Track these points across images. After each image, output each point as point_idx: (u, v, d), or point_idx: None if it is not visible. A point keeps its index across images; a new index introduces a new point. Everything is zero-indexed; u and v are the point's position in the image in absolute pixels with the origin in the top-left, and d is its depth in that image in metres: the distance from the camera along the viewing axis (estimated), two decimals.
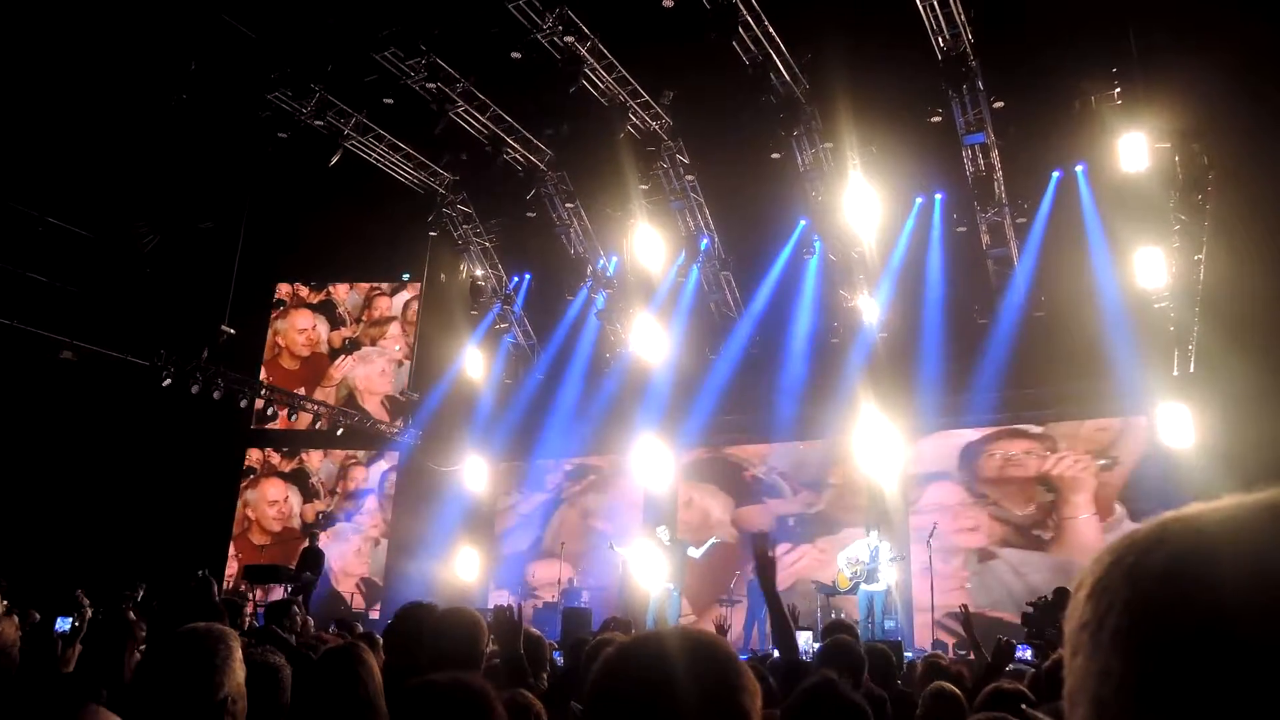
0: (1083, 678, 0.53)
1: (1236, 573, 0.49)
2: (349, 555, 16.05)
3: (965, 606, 5.65)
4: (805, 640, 9.05)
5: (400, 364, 16.95)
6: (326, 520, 15.89)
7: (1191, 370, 11.36)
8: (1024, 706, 2.64)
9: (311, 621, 7.04)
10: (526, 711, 2.23)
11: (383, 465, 16.63)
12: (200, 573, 11.21)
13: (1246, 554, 0.49)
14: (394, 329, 17.14)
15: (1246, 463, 9.52)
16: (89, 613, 4.21)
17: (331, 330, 17.31)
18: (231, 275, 13.36)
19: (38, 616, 5.69)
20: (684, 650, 1.12)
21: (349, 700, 2.09)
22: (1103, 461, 12.27)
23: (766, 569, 3.48)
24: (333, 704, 2.13)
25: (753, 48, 10.88)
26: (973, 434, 13.07)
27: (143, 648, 2.81)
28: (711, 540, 12.27)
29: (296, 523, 16.36)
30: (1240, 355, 10.06)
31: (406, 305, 17.28)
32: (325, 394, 16.55)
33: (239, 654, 1.94)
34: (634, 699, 1.09)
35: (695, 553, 11.92)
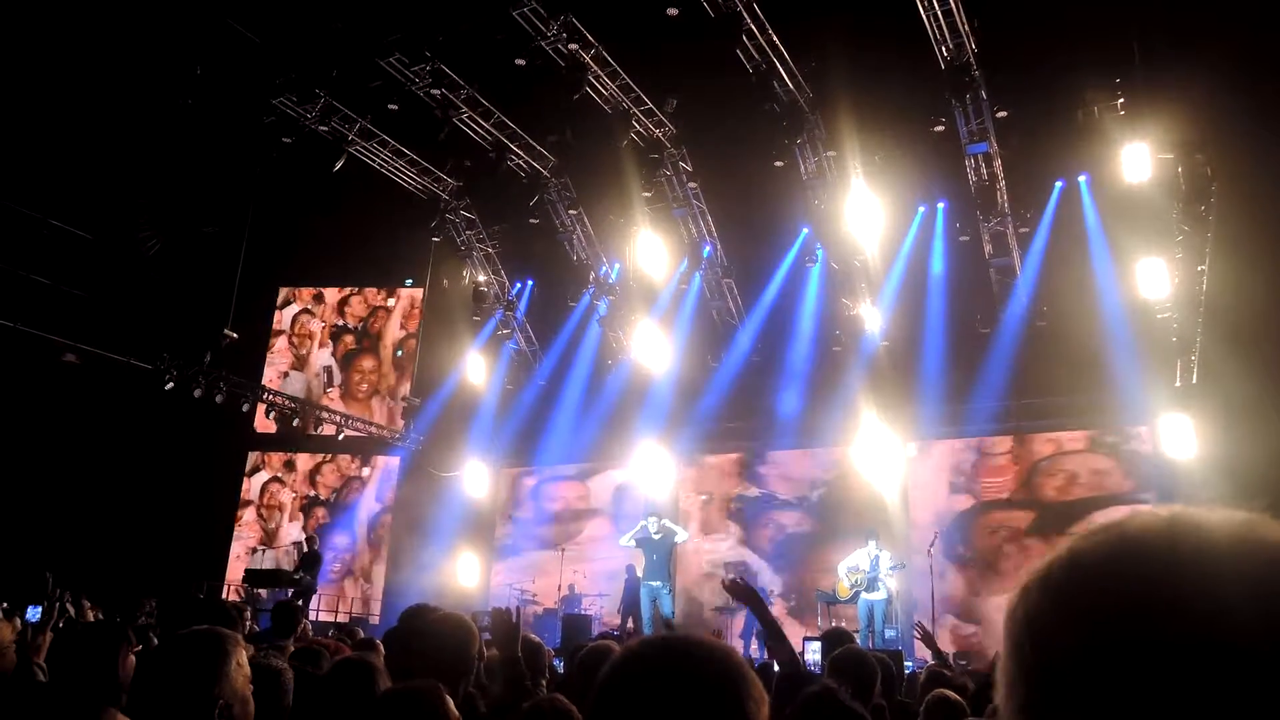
0: (1004, 690, 0.58)
1: (1096, 606, 0.52)
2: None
3: (920, 624, 5.70)
4: (815, 651, 9.02)
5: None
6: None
7: (1194, 381, 11.34)
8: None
9: (310, 626, 7.04)
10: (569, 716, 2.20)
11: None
12: (203, 586, 11.21)
13: (1108, 587, 0.53)
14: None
15: (1248, 474, 9.50)
16: (57, 603, 4.20)
17: None
18: (235, 279, 13.38)
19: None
20: (691, 656, 1.11)
21: (364, 712, 2.08)
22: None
23: (752, 601, 3.66)
24: (349, 716, 2.12)
25: (756, 56, 10.91)
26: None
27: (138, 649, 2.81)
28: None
29: None
30: (1243, 366, 10.05)
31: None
32: None
33: (238, 658, 1.93)
34: (641, 705, 1.09)
35: (682, 536, 11.80)
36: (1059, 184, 12.44)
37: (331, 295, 17.72)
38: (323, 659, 3.37)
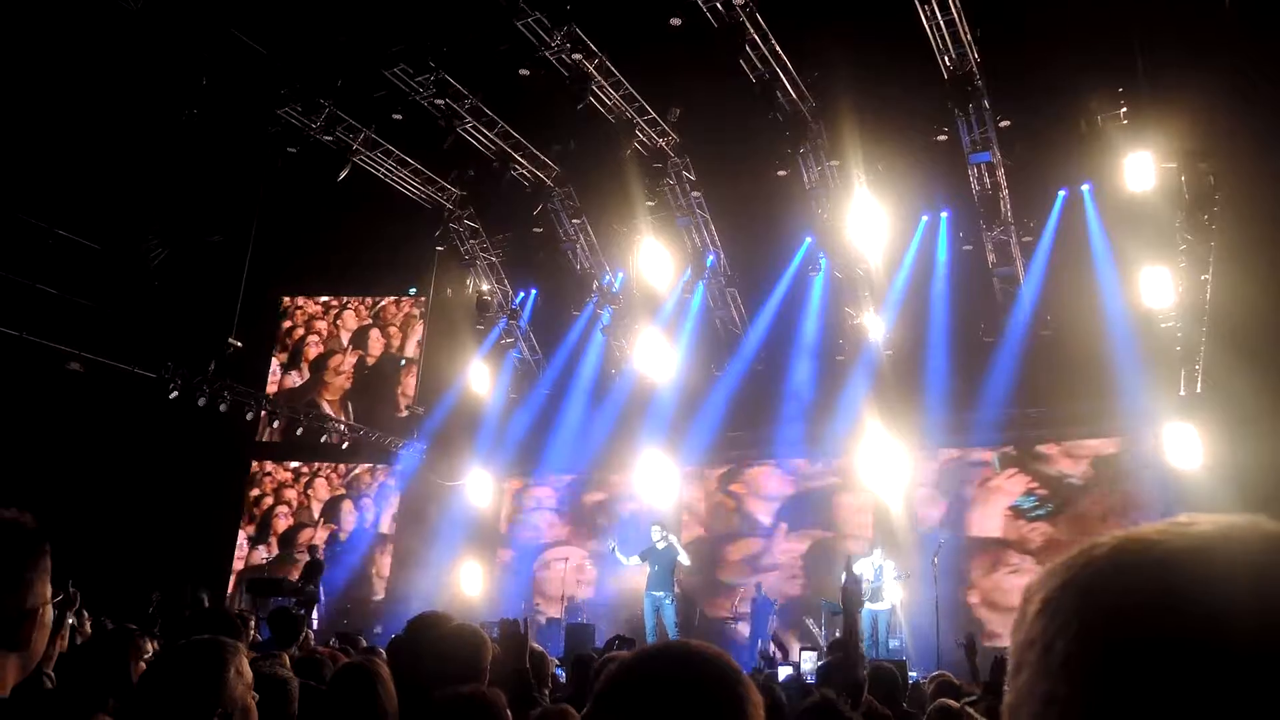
0: (1025, 697, 0.52)
1: (1200, 604, 0.47)
2: None
3: (971, 636, 5.60)
4: (810, 659, 9.02)
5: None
6: None
7: (1198, 390, 11.32)
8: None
9: (312, 636, 7.04)
10: None
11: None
12: (202, 594, 11.22)
13: (1211, 584, 0.48)
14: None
15: (1253, 483, 9.48)
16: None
17: None
18: (239, 288, 13.42)
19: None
20: (688, 665, 1.12)
21: (367, 716, 2.09)
22: None
23: (852, 590, 3.72)
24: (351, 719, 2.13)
25: (759, 65, 10.94)
26: None
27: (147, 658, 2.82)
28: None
29: None
30: (1247, 375, 10.03)
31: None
32: None
33: (239, 665, 1.94)
34: (638, 712, 1.09)
35: (685, 559, 11.77)
36: (1062, 193, 12.45)
37: (335, 305, 17.78)
38: (324, 669, 3.37)
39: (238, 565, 16.23)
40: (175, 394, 12.37)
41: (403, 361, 17.19)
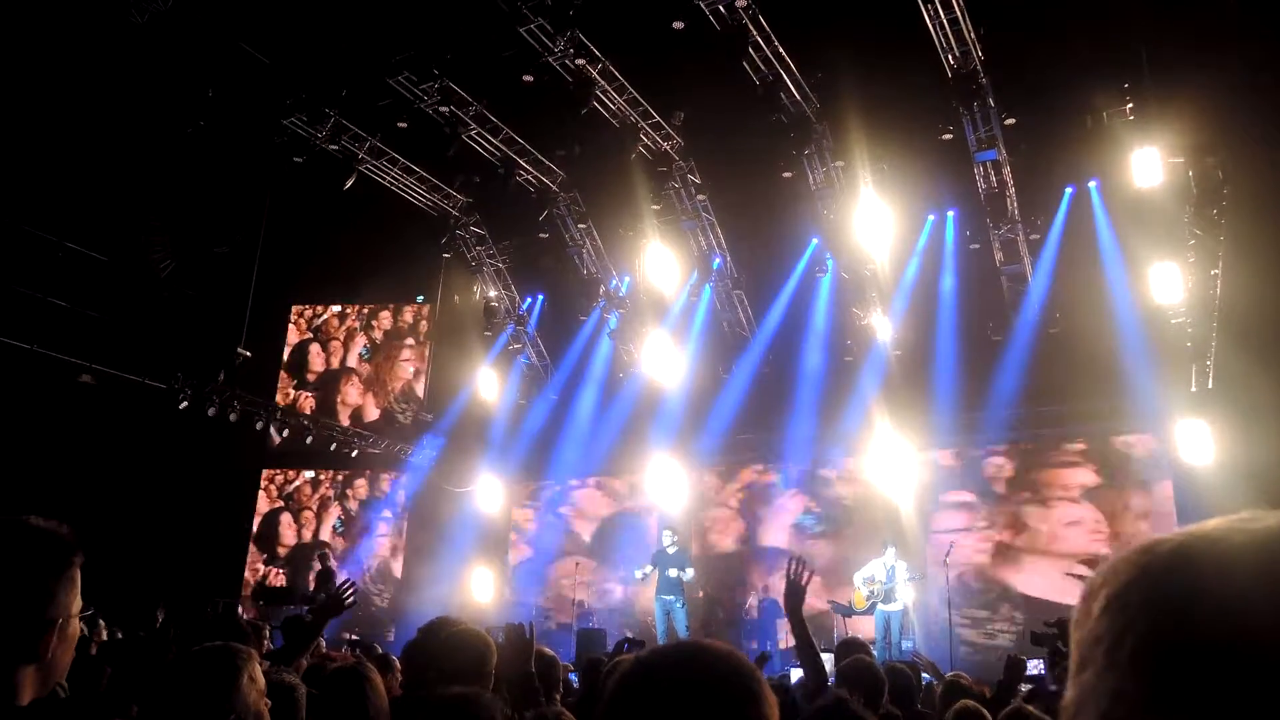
0: (1091, 693, 0.53)
1: (1268, 601, 0.48)
2: None
3: (917, 653, 5.66)
4: (827, 662, 8.98)
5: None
6: None
7: (1210, 386, 11.25)
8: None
9: (323, 642, 7.04)
10: None
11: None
12: (218, 604, 11.27)
13: (1273, 581, 0.49)
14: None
15: (1267, 478, 9.41)
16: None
17: None
18: (248, 298, 13.47)
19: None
20: (701, 662, 1.12)
21: (356, 718, 2.09)
22: None
23: (795, 594, 3.62)
24: None
25: (763, 67, 10.93)
26: None
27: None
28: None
29: None
30: (1259, 370, 9.97)
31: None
32: None
33: (252, 672, 1.94)
34: (652, 710, 1.09)
35: (690, 575, 11.78)
36: (1069, 190, 12.40)
37: (342, 312, 17.84)
38: None
39: (249, 573, 16.26)
40: (185, 404, 12.42)
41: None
